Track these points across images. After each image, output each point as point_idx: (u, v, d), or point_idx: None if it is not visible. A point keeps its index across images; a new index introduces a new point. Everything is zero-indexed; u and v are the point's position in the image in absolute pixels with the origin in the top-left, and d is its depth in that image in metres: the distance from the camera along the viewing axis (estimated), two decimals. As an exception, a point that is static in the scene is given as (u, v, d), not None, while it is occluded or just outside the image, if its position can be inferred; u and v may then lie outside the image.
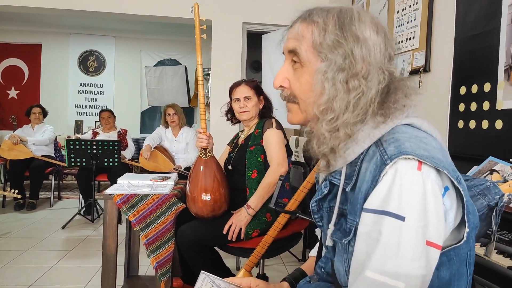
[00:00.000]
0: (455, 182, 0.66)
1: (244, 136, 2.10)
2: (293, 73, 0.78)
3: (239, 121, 2.22)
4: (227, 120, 2.27)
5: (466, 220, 0.67)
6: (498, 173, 1.49)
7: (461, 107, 1.91)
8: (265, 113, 2.13)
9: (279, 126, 2.02)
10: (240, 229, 1.83)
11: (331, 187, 0.80)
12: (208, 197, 1.83)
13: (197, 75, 1.98)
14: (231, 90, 2.13)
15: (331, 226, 0.78)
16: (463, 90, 1.91)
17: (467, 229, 0.68)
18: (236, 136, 2.23)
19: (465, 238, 0.68)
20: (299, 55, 0.75)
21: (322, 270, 0.96)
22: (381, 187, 0.65)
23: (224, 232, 1.84)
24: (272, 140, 1.94)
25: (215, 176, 1.87)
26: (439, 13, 2.18)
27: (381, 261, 0.63)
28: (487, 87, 1.75)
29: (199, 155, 1.92)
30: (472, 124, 1.83)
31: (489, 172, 1.51)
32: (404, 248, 0.62)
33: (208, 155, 1.91)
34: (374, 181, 0.67)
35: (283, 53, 0.81)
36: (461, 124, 1.91)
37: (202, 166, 1.89)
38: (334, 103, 0.71)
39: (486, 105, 1.75)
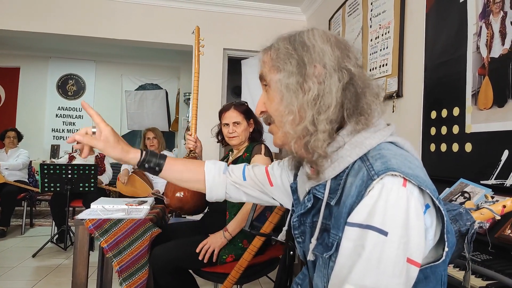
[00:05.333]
0: (436, 202, 0.67)
1: (232, 159, 2.09)
2: (266, 96, 0.83)
3: (229, 143, 2.21)
4: (217, 142, 2.25)
5: (445, 239, 0.68)
6: (470, 195, 1.53)
7: (433, 130, 1.97)
8: (256, 136, 2.11)
9: (268, 152, 1.97)
10: (213, 251, 1.79)
11: (315, 201, 0.80)
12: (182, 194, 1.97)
13: (193, 85, 2.25)
14: (221, 113, 2.11)
15: (314, 241, 0.78)
16: (433, 114, 1.97)
17: (446, 248, 0.68)
18: (226, 156, 2.21)
19: (443, 257, 0.69)
20: (264, 77, 0.82)
21: (299, 287, 0.94)
22: (367, 202, 0.66)
23: (197, 251, 1.78)
24: None
25: None
26: (410, 41, 2.28)
27: (361, 276, 0.63)
28: (456, 111, 1.81)
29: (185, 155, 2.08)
30: (443, 147, 1.88)
31: (460, 193, 1.54)
32: (385, 264, 0.62)
33: (193, 155, 2.06)
34: (359, 195, 0.68)
35: None
36: (433, 147, 1.96)
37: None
38: (292, 106, 0.75)
39: (455, 129, 1.80)
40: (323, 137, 0.73)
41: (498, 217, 0.94)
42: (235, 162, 2.04)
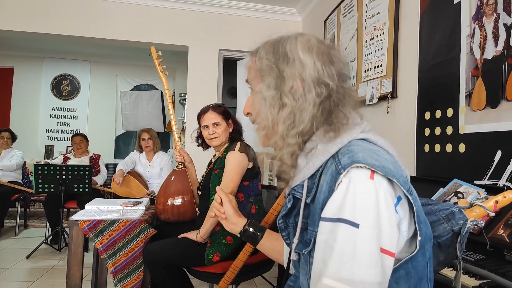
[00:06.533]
0: (405, 191, 0.69)
1: (214, 160, 2.09)
2: (252, 100, 0.87)
3: (210, 146, 2.21)
4: (198, 146, 2.26)
5: (418, 229, 0.70)
6: (463, 195, 1.54)
7: (427, 131, 1.98)
8: (235, 136, 2.10)
9: (243, 149, 1.95)
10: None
11: (295, 201, 0.82)
12: (179, 201, 2.10)
13: (168, 102, 2.38)
14: (199, 117, 2.11)
15: (295, 240, 0.79)
16: (427, 115, 1.99)
17: (419, 238, 0.70)
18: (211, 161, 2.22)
19: (418, 247, 0.70)
20: (249, 83, 0.86)
21: None
22: (336, 196, 0.68)
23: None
24: (228, 163, 1.90)
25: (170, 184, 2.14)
26: (404, 42, 2.29)
27: (337, 268, 0.65)
28: (449, 112, 1.82)
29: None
30: (437, 147, 1.89)
31: (453, 193, 1.55)
32: (359, 255, 0.64)
33: (179, 167, 2.19)
34: (330, 191, 0.70)
35: None
36: (427, 148, 1.97)
37: (172, 175, 2.20)
38: (267, 120, 0.79)
39: (449, 130, 1.82)
40: (291, 150, 0.77)
41: (492, 214, 0.91)
42: (215, 163, 2.03)
